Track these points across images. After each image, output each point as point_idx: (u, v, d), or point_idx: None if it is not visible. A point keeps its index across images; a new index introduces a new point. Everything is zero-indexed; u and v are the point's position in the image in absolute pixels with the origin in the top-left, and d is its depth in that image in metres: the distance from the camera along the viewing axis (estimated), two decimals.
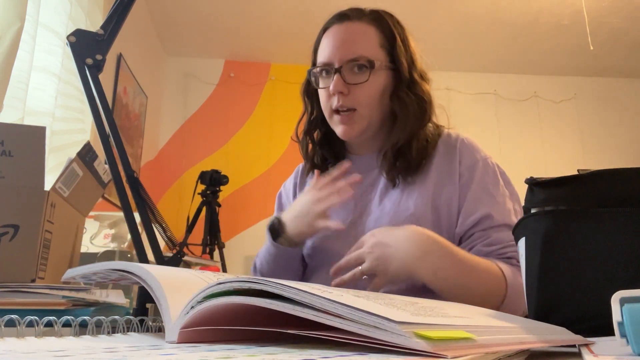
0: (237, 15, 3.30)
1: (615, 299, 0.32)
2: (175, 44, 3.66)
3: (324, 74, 0.93)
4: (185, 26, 3.44)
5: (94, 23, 2.14)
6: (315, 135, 1.02)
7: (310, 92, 1.00)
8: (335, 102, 0.89)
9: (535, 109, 3.98)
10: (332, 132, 0.97)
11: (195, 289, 0.34)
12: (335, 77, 0.88)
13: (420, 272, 0.74)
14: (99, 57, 0.71)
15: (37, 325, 0.40)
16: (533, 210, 0.59)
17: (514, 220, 0.85)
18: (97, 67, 0.72)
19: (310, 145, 1.02)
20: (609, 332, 0.33)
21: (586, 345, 0.38)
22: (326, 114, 0.94)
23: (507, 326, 0.36)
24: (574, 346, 0.42)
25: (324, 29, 0.96)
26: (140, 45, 3.14)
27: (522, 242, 0.59)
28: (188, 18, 3.34)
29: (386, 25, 0.92)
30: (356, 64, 0.88)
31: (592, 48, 3.19)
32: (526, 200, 0.61)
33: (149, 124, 3.32)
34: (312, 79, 0.95)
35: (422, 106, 0.91)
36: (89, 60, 0.71)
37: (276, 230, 0.90)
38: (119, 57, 2.68)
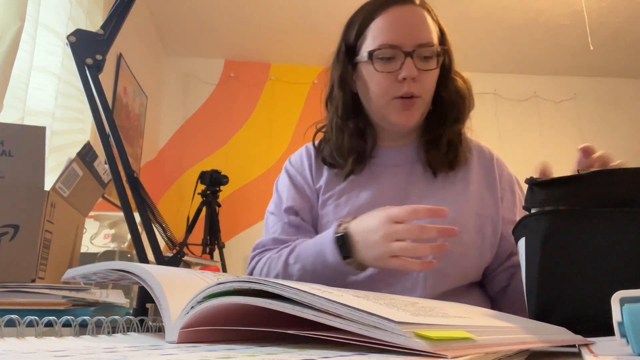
0: (237, 15, 3.30)
1: (615, 299, 0.32)
2: (175, 44, 3.66)
3: (387, 57, 0.85)
4: (185, 26, 3.43)
5: (94, 23, 2.14)
6: (351, 129, 0.93)
7: (345, 82, 0.92)
8: (402, 88, 0.84)
9: (535, 109, 3.98)
10: (367, 126, 0.94)
11: (195, 289, 0.34)
12: (408, 61, 0.83)
13: None
14: (99, 57, 0.71)
15: (37, 325, 0.40)
16: (533, 210, 0.59)
17: None
18: (97, 67, 0.72)
19: (345, 135, 0.92)
20: (609, 332, 0.33)
21: (586, 345, 0.38)
22: (383, 100, 0.87)
23: (507, 326, 0.36)
24: (574, 346, 0.42)
25: (377, 9, 0.87)
26: (140, 45, 3.14)
27: (522, 242, 0.59)
28: (188, 18, 3.34)
29: (434, 16, 0.90)
30: (427, 50, 0.85)
31: (592, 48, 3.19)
32: (526, 200, 0.61)
33: (149, 124, 3.32)
34: (371, 61, 0.86)
35: (463, 95, 0.91)
36: (89, 60, 0.71)
37: (342, 246, 0.76)
38: (119, 57, 2.68)
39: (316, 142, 1.00)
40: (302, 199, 0.95)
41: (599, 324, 0.44)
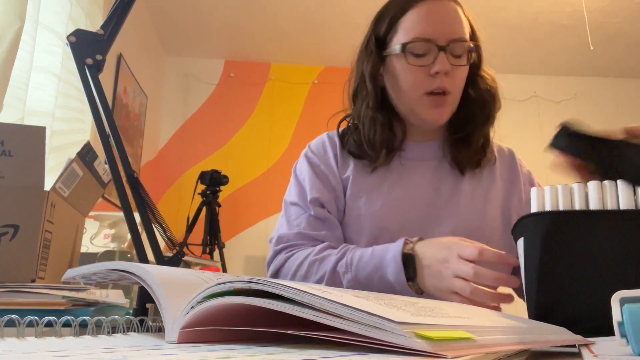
0: (237, 15, 3.30)
1: (615, 299, 0.32)
2: (175, 44, 3.66)
3: (420, 52, 0.84)
4: (185, 26, 3.43)
5: (94, 23, 2.14)
6: (382, 121, 0.91)
7: (376, 73, 0.90)
8: (434, 83, 0.84)
9: (535, 109, 3.98)
10: (395, 120, 0.93)
11: (195, 289, 0.34)
12: (441, 55, 0.82)
13: None
14: (99, 57, 0.71)
15: (37, 325, 0.40)
16: (533, 211, 0.59)
17: None
18: (97, 67, 0.72)
19: (377, 126, 0.90)
20: (610, 332, 0.33)
21: (586, 345, 0.38)
22: (414, 94, 0.86)
23: (507, 326, 0.36)
24: (574, 346, 0.42)
25: (410, 2, 0.86)
26: (140, 45, 3.14)
27: (520, 242, 0.59)
28: (188, 18, 3.34)
29: (465, 11, 0.90)
30: (460, 45, 0.84)
31: (592, 48, 3.19)
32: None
33: (149, 124, 3.32)
34: (403, 54, 0.85)
35: (492, 93, 0.92)
36: (89, 60, 0.71)
37: (406, 266, 0.73)
38: (119, 57, 2.68)
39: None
40: (327, 189, 0.91)
41: (599, 324, 0.44)
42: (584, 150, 0.59)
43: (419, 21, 0.85)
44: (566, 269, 0.54)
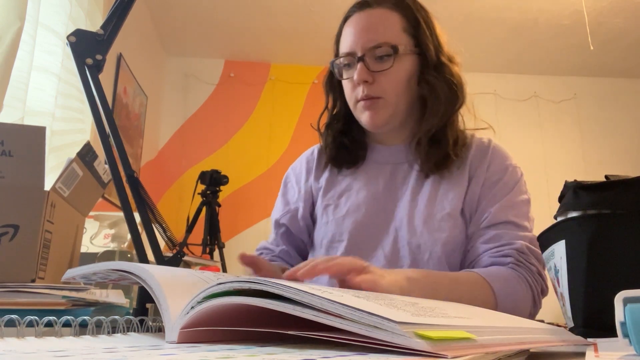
0: (237, 15, 3.29)
1: (619, 298, 0.31)
2: (175, 44, 3.66)
3: (347, 64, 0.90)
4: (185, 26, 3.43)
5: (94, 23, 2.14)
6: (338, 127, 0.97)
7: (332, 85, 0.97)
8: (360, 92, 0.87)
9: (535, 109, 3.98)
10: (356, 124, 0.94)
11: (195, 289, 0.34)
12: (359, 66, 0.85)
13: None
14: (99, 57, 0.71)
15: (37, 325, 0.40)
16: (574, 214, 0.58)
17: (526, 223, 0.83)
18: (97, 67, 0.71)
19: (331, 138, 0.97)
20: None
21: (593, 345, 0.38)
22: (351, 104, 0.91)
23: (507, 326, 0.36)
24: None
25: (345, 19, 0.92)
26: (140, 45, 3.14)
27: (561, 245, 0.58)
28: (188, 18, 3.34)
29: (408, 9, 0.89)
30: (379, 50, 0.85)
31: (592, 48, 3.19)
32: (567, 203, 0.60)
33: (149, 124, 3.32)
34: (335, 70, 0.92)
35: (453, 89, 0.88)
36: (89, 60, 0.71)
37: None
38: (119, 57, 2.68)
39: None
40: (292, 207, 0.99)
41: None
42: (606, 200, 0.57)
43: (345, 37, 0.90)
44: (615, 273, 0.53)
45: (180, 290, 0.38)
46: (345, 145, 0.96)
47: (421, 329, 0.25)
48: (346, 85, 0.91)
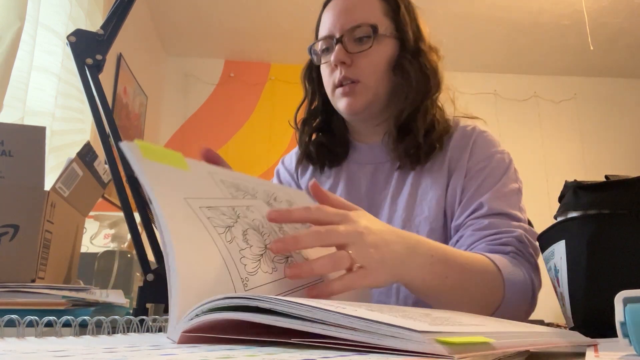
0: (237, 15, 3.30)
1: (619, 299, 0.31)
2: (175, 44, 3.66)
3: (325, 48, 0.86)
4: (185, 26, 3.43)
5: (94, 23, 2.14)
6: (315, 123, 0.94)
7: (311, 77, 0.94)
8: (337, 74, 0.83)
9: (535, 109, 3.98)
10: (334, 120, 0.91)
11: (216, 291, 0.34)
12: (337, 47, 0.82)
13: (410, 274, 0.54)
14: (99, 57, 0.71)
15: (37, 325, 0.40)
16: (574, 214, 0.58)
17: (519, 214, 0.77)
18: (97, 67, 0.71)
19: (307, 134, 0.94)
20: None
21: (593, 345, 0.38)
22: (329, 91, 0.87)
23: (521, 331, 0.36)
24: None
25: (325, 4, 0.89)
26: (140, 45, 3.14)
27: (561, 245, 0.58)
28: (188, 18, 3.34)
29: None
30: (359, 31, 0.82)
31: (592, 48, 3.19)
32: (567, 203, 0.60)
33: (149, 124, 3.31)
34: (314, 57, 0.88)
35: (425, 74, 0.83)
36: (89, 60, 0.70)
37: None
38: (119, 57, 2.68)
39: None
40: None
41: None
42: (606, 199, 0.56)
43: (323, 22, 0.87)
44: (616, 273, 0.53)
45: (199, 290, 0.37)
46: (324, 143, 0.92)
47: (441, 336, 0.25)
48: (324, 70, 0.87)
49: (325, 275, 0.48)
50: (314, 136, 0.95)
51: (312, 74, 0.93)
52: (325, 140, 0.93)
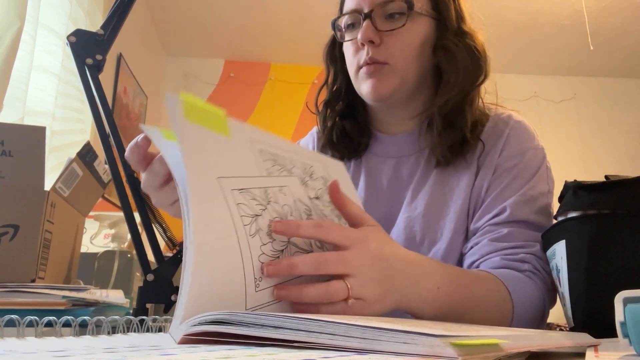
0: (237, 15, 3.29)
1: (619, 299, 0.31)
2: (175, 44, 3.66)
3: (351, 24, 0.76)
4: (185, 26, 3.43)
5: (94, 23, 2.14)
6: (338, 107, 0.84)
7: (334, 56, 0.84)
8: (363, 55, 0.73)
9: (535, 109, 3.98)
10: (359, 104, 0.82)
11: (227, 299, 0.34)
12: (365, 23, 0.72)
13: (410, 305, 0.50)
14: (99, 57, 0.71)
15: (37, 325, 0.40)
16: (574, 214, 0.58)
17: (543, 221, 0.70)
18: (97, 67, 0.71)
19: (330, 119, 0.84)
20: None
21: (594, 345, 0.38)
22: (352, 72, 0.77)
23: (531, 334, 0.36)
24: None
25: None
26: (140, 45, 3.14)
27: (561, 245, 0.58)
28: (188, 18, 3.34)
29: None
30: (391, 6, 0.72)
31: (592, 48, 3.19)
32: (567, 203, 0.60)
33: (149, 124, 3.31)
34: (337, 33, 0.79)
35: (476, 58, 0.75)
36: (89, 60, 0.70)
37: None
38: (119, 57, 2.68)
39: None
40: None
41: None
42: (606, 199, 0.56)
43: None
44: (617, 273, 0.53)
45: (210, 295, 0.36)
46: (346, 131, 0.83)
47: (456, 340, 0.25)
48: (348, 49, 0.77)
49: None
50: (337, 120, 0.85)
51: (334, 52, 0.84)
52: (349, 127, 0.83)
